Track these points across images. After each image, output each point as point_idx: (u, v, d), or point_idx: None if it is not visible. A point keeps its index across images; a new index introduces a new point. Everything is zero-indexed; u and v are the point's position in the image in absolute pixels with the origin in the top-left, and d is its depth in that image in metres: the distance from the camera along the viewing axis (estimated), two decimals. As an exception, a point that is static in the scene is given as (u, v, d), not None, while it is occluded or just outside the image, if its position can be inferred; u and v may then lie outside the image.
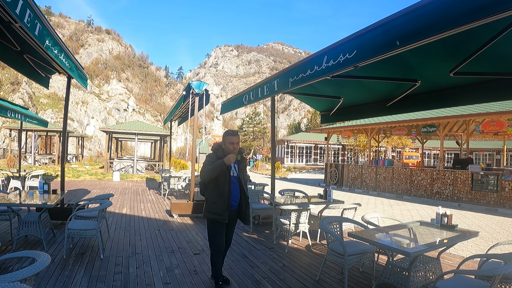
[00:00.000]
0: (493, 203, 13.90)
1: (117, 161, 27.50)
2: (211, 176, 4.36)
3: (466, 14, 2.40)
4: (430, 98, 5.33)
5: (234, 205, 4.61)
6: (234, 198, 4.58)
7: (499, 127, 14.62)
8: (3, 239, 6.46)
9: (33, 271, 2.50)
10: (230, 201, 4.48)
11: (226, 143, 4.52)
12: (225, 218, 4.41)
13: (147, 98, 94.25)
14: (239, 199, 4.64)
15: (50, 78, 8.30)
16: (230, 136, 4.53)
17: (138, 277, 4.98)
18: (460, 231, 4.89)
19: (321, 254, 6.38)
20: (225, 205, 4.41)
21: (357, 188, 20.79)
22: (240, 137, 13.88)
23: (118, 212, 10.15)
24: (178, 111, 14.70)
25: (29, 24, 4.19)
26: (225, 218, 4.41)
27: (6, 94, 55.44)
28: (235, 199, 4.61)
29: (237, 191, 4.61)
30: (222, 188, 4.43)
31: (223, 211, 4.40)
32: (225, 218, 4.41)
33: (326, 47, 4.08)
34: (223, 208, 4.40)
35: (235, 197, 4.60)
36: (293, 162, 44.88)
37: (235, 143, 4.51)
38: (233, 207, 4.61)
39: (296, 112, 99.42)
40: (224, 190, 4.42)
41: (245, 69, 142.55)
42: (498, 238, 8.68)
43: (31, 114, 12.00)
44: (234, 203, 4.61)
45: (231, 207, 4.55)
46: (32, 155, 31.07)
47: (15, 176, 13.53)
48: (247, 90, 7.00)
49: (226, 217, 4.41)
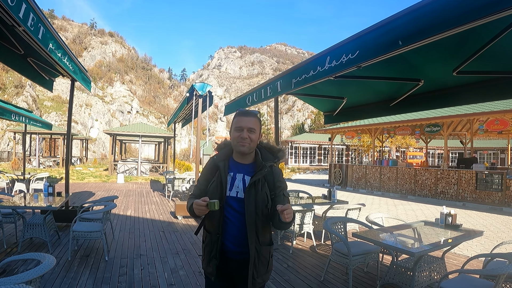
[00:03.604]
0: (498, 202, 13.84)
1: (121, 163, 27.57)
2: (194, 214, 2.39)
3: (468, 12, 2.40)
4: (434, 97, 5.31)
5: (233, 251, 2.40)
6: (232, 238, 2.40)
7: (503, 125, 14.54)
8: (8, 242, 6.49)
9: (38, 273, 2.51)
10: (221, 243, 2.39)
11: (232, 131, 2.49)
12: (211, 273, 2.42)
13: (150, 100, 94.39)
14: (245, 242, 2.35)
15: (54, 81, 8.33)
16: (238, 118, 2.46)
17: (143, 278, 4.99)
18: (465, 231, 4.87)
19: (325, 255, 6.38)
20: (210, 251, 2.42)
21: (361, 188, 20.74)
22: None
23: (123, 214, 10.18)
24: (182, 112, 14.73)
25: (32, 28, 4.21)
26: (212, 274, 2.42)
27: (10, 97, 55.66)
28: (237, 241, 2.39)
29: (238, 225, 2.38)
30: (212, 219, 2.41)
31: (208, 262, 2.44)
32: (211, 273, 2.42)
33: (329, 48, 4.07)
34: (207, 256, 2.44)
35: (236, 237, 2.39)
36: (297, 163, 44.81)
37: (245, 129, 2.39)
38: (232, 254, 2.40)
39: (300, 112, 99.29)
40: (213, 223, 2.41)
41: (248, 70, 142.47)
42: (503, 238, 8.64)
43: (35, 117, 12.06)
44: (235, 247, 2.40)
45: (226, 254, 2.41)
46: (37, 157, 31.19)
47: (19, 179, 13.59)
48: (250, 91, 7.00)
49: (212, 273, 2.41)
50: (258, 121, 2.48)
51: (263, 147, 2.59)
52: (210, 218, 2.40)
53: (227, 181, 2.41)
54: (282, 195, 2.48)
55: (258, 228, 2.36)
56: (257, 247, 2.35)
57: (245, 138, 2.38)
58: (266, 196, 2.39)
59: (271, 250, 2.49)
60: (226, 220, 2.39)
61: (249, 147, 2.40)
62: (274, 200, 2.42)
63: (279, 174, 2.52)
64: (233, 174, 2.45)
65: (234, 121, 2.48)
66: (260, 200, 2.36)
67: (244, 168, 2.47)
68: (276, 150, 2.59)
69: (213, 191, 2.40)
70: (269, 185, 2.44)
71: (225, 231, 2.39)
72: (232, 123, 2.51)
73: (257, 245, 2.35)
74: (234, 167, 2.48)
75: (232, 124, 2.51)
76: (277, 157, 2.55)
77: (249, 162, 2.50)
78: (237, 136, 2.40)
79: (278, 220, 2.29)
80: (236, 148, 2.44)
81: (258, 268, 2.36)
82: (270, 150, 2.59)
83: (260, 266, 2.37)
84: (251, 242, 2.33)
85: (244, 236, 2.34)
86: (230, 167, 2.48)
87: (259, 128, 2.48)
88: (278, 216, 2.25)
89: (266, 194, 2.40)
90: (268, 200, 2.40)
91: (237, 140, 2.40)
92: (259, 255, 2.36)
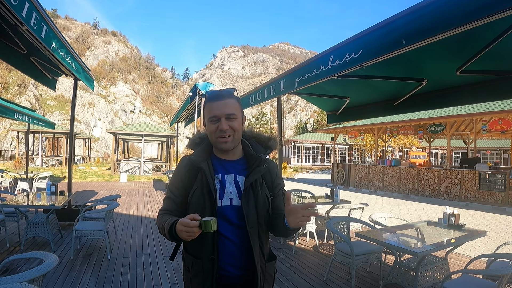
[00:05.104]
0: (501, 202, 13.80)
1: (124, 163, 27.62)
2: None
3: (472, 12, 2.39)
4: (437, 97, 5.30)
5: (235, 276, 1.84)
6: (232, 260, 1.83)
7: (507, 125, 14.50)
8: (11, 240, 6.51)
9: (41, 271, 2.51)
10: (219, 268, 1.80)
11: (206, 122, 1.87)
12: None
13: (153, 99, 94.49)
14: (248, 262, 1.81)
15: (57, 80, 8.34)
16: (209, 104, 1.84)
17: (146, 277, 4.99)
18: (468, 231, 4.86)
19: (328, 254, 6.36)
20: (203, 283, 1.79)
21: (364, 188, 20.71)
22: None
23: (126, 213, 10.20)
24: (185, 112, 14.76)
25: (35, 27, 4.22)
26: None
27: (13, 96, 55.85)
28: (238, 262, 1.83)
29: (237, 243, 1.82)
30: (200, 240, 1.75)
31: None
32: None
33: (332, 47, 4.07)
34: (201, 287, 1.80)
35: (237, 258, 1.83)
36: (300, 163, 44.77)
37: (222, 117, 1.78)
38: (234, 279, 1.84)
39: (303, 112, 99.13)
40: (202, 246, 1.82)
41: (251, 69, 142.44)
42: (506, 238, 8.61)
43: (38, 116, 12.10)
44: (237, 271, 1.84)
45: (226, 281, 1.83)
46: (40, 157, 31.27)
47: (22, 178, 13.63)
48: (253, 91, 7.00)
49: None
50: (236, 102, 1.85)
51: (249, 136, 2.02)
52: (197, 239, 1.68)
53: (216, 187, 1.81)
54: (282, 194, 2.00)
55: (262, 241, 1.86)
56: (262, 265, 1.85)
57: (225, 129, 1.77)
58: (266, 199, 1.88)
59: (275, 265, 2.03)
60: (222, 238, 1.80)
61: (234, 140, 1.82)
62: (273, 201, 1.95)
63: (277, 169, 2.00)
64: (220, 176, 1.85)
65: (206, 109, 1.85)
66: (261, 205, 1.84)
67: (233, 166, 1.90)
68: (266, 139, 2.02)
69: (198, 203, 1.80)
70: (268, 184, 1.93)
71: (222, 252, 1.80)
72: (204, 113, 1.90)
73: (262, 263, 1.85)
74: (220, 167, 1.89)
75: (204, 114, 1.88)
76: (269, 147, 2.00)
77: (237, 158, 1.93)
78: (214, 129, 1.80)
79: (283, 226, 1.77)
80: (217, 146, 1.85)
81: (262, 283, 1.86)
82: (257, 139, 2.03)
83: (266, 287, 1.90)
84: (257, 260, 1.79)
85: (247, 254, 1.80)
86: (215, 168, 1.88)
87: (241, 111, 1.87)
88: (283, 221, 1.77)
89: (266, 196, 1.89)
90: (268, 203, 1.89)
91: (215, 135, 1.80)
92: (264, 274, 1.87)
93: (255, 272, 1.79)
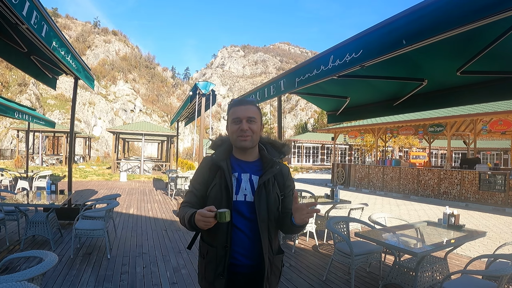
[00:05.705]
0: (501, 203, 13.80)
1: (124, 162, 27.63)
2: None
3: (472, 12, 2.39)
4: (437, 97, 5.30)
5: (244, 265, 2.06)
6: (243, 250, 2.06)
7: (507, 126, 14.50)
8: (11, 239, 6.51)
9: (41, 270, 2.51)
10: (231, 256, 2.03)
11: (229, 124, 2.14)
12: None
13: (153, 98, 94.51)
14: (257, 253, 2.04)
15: (57, 79, 8.35)
16: (234, 108, 2.13)
17: (145, 277, 4.99)
18: (468, 231, 4.86)
19: (328, 254, 6.37)
20: (215, 269, 2.03)
21: (364, 188, 20.72)
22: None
23: (125, 212, 10.20)
24: (185, 111, 14.76)
25: (36, 26, 4.22)
26: None
27: (14, 95, 55.86)
28: (248, 253, 2.06)
29: (249, 234, 2.05)
30: (216, 230, 2.00)
31: (212, 281, 2.05)
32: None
33: (333, 47, 4.06)
34: (211, 274, 2.04)
35: (247, 249, 2.06)
36: (300, 162, 44.79)
37: (244, 119, 2.06)
38: (243, 268, 2.07)
39: (303, 112, 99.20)
40: (217, 235, 2.03)
41: (252, 69, 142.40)
42: (505, 238, 8.61)
43: (38, 115, 12.10)
44: (247, 260, 2.06)
45: (236, 269, 2.06)
46: (40, 155, 31.26)
47: (22, 177, 13.64)
48: (253, 90, 7.00)
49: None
50: (257, 109, 2.16)
51: (266, 142, 2.27)
52: (213, 229, 1.93)
53: (233, 184, 2.05)
54: (292, 196, 2.18)
55: (271, 235, 2.08)
56: (270, 257, 2.06)
57: (245, 130, 2.04)
58: (277, 198, 2.11)
59: (282, 258, 2.24)
60: (235, 230, 2.04)
61: (252, 140, 2.07)
62: (283, 201, 2.16)
63: (289, 172, 2.24)
64: (237, 174, 2.09)
65: (230, 112, 2.14)
66: (272, 202, 2.07)
67: (249, 166, 2.14)
68: (280, 145, 2.26)
69: (216, 197, 2.05)
70: (279, 184, 2.15)
71: (234, 242, 2.03)
72: (228, 116, 2.16)
73: (270, 255, 2.06)
74: (237, 167, 2.13)
75: (228, 117, 2.16)
76: (283, 152, 2.23)
77: (253, 159, 2.17)
78: (236, 129, 2.06)
79: (290, 223, 1.97)
80: (236, 144, 2.09)
81: (271, 280, 2.08)
82: (273, 145, 2.27)
83: (272, 278, 2.10)
84: (265, 252, 2.01)
85: (256, 246, 2.03)
86: (233, 167, 2.12)
87: (260, 118, 2.17)
88: (290, 219, 1.97)
89: (277, 195, 2.12)
90: (279, 202, 2.13)
91: (236, 134, 2.06)
92: (271, 266, 2.08)
93: (263, 263, 2.02)
